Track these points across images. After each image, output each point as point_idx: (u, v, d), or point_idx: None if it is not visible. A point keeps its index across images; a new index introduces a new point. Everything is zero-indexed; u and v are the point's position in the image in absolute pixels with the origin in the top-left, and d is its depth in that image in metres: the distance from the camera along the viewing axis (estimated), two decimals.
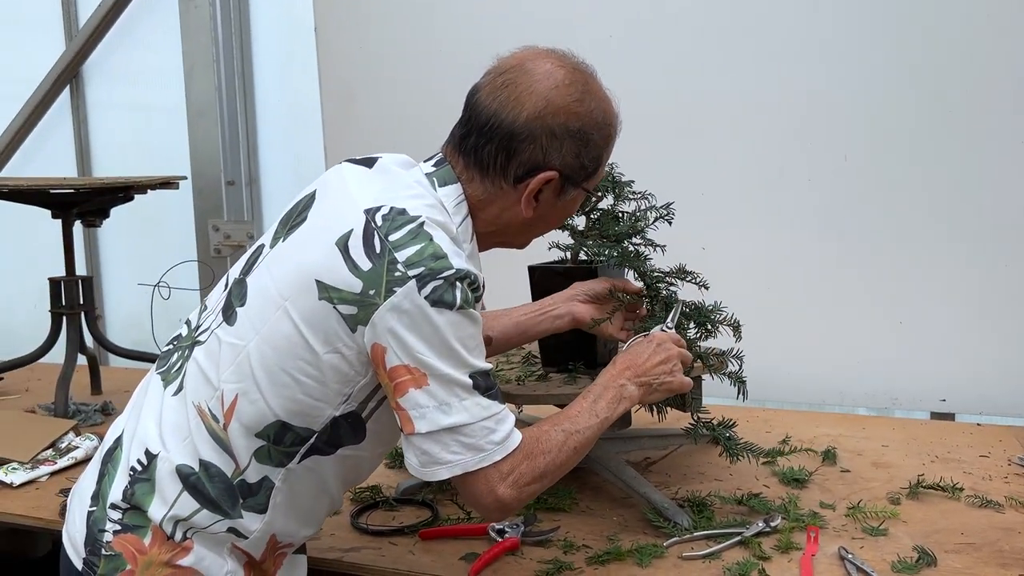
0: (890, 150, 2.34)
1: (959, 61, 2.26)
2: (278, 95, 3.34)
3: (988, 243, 2.28)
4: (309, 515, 1.35)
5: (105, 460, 1.36)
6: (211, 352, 1.29)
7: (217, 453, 1.26)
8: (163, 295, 2.47)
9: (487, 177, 1.32)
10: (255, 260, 1.34)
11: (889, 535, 1.58)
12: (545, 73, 1.29)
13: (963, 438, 2.12)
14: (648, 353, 1.43)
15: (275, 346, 1.22)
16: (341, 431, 1.27)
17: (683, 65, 2.49)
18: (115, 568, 1.26)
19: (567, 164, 1.31)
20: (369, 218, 1.23)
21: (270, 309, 1.24)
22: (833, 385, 2.46)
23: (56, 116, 3.67)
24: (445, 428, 1.19)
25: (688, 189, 2.01)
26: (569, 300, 1.67)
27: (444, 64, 2.75)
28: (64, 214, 2.58)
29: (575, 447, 1.31)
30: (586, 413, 1.34)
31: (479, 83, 1.34)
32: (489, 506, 1.25)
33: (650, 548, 1.53)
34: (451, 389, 1.19)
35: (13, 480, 1.97)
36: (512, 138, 1.29)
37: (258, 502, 1.27)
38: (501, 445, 1.22)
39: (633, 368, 1.41)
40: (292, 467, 1.27)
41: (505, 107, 1.28)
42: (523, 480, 1.25)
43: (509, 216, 1.35)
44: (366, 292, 1.18)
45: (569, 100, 1.29)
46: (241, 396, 1.24)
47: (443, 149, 1.37)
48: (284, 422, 1.24)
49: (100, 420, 2.45)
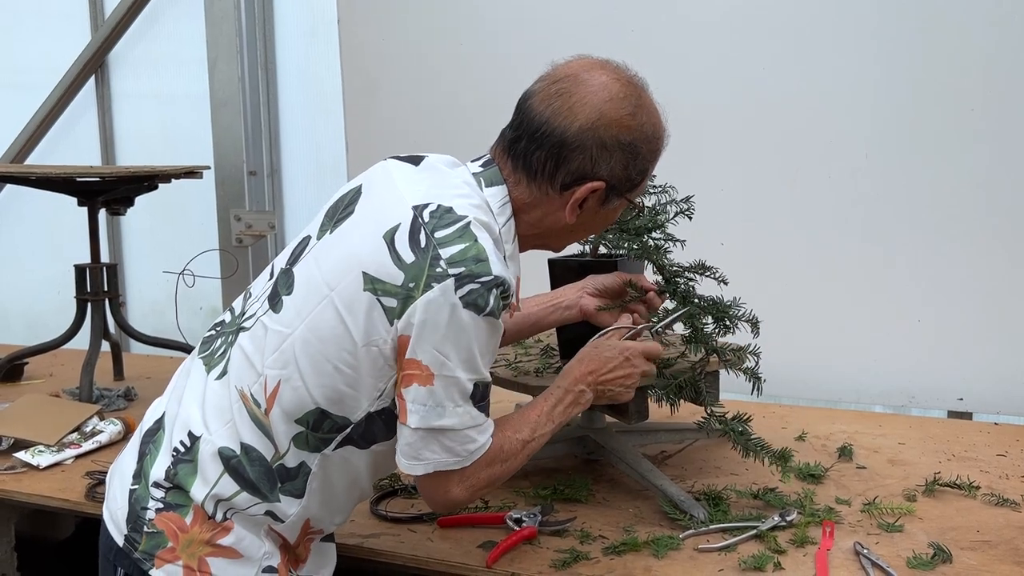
0: (911, 149, 2.34)
1: (981, 59, 2.25)
2: (300, 86, 3.37)
3: (1008, 243, 2.28)
4: (342, 503, 1.39)
5: (146, 440, 1.39)
6: (256, 338, 1.32)
7: (258, 437, 1.29)
8: (187, 283, 2.50)
9: (534, 182, 1.34)
10: (301, 250, 1.37)
11: (905, 531, 1.59)
12: (600, 85, 1.31)
13: (980, 437, 2.12)
14: (615, 364, 1.46)
15: (319, 335, 1.25)
16: (375, 427, 1.30)
17: (704, 61, 2.49)
18: (157, 545, 1.29)
19: (615, 175, 1.33)
20: (417, 214, 1.26)
21: (316, 299, 1.27)
22: (850, 382, 2.46)
23: (81, 105, 3.72)
24: (434, 428, 1.25)
25: (708, 185, 2.02)
26: (579, 292, 1.69)
27: (465, 56, 2.77)
28: (90, 202, 2.62)
29: (529, 453, 1.39)
30: (544, 418, 1.41)
31: (532, 88, 1.36)
32: (439, 502, 1.35)
33: (666, 540, 1.54)
34: (451, 393, 1.24)
35: (40, 462, 2.01)
36: (563, 146, 1.30)
37: (296, 487, 1.30)
38: (473, 454, 1.29)
39: (596, 374, 1.45)
40: (327, 453, 1.30)
41: (558, 115, 1.30)
42: (478, 485, 1.33)
43: (551, 221, 1.37)
44: (407, 284, 1.21)
45: (622, 113, 1.31)
46: (284, 382, 1.27)
47: (491, 151, 1.39)
48: (323, 409, 1.27)
49: (123, 405, 2.48)
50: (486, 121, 1.46)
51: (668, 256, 1.76)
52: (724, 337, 1.74)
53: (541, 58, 1.43)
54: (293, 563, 1.36)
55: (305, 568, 1.39)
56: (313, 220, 1.42)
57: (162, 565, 1.29)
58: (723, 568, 1.47)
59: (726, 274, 1.74)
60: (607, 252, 1.86)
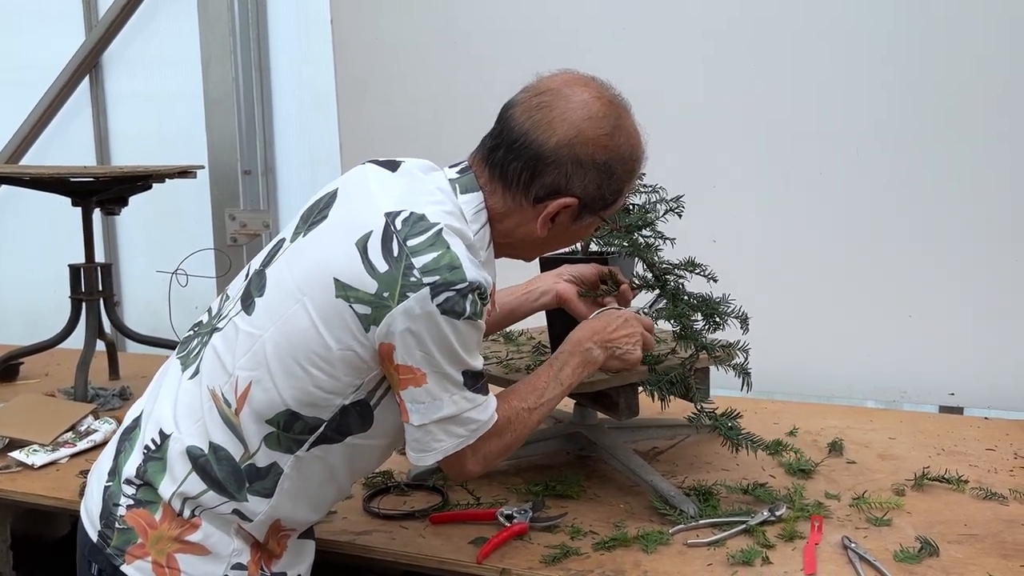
0: (902, 144, 2.35)
1: (973, 54, 2.26)
2: (294, 86, 3.37)
3: (999, 238, 2.29)
4: (315, 502, 1.39)
5: (123, 438, 1.41)
6: (228, 339, 1.33)
7: (227, 436, 1.30)
8: (180, 283, 2.50)
9: (509, 192, 1.35)
10: (275, 253, 1.38)
11: (893, 525, 1.60)
12: (581, 103, 1.32)
13: (970, 431, 2.13)
14: (615, 324, 1.53)
15: (290, 338, 1.26)
16: (350, 419, 1.31)
17: (694, 58, 2.50)
18: (127, 541, 1.31)
19: (588, 193, 1.34)
20: (389, 221, 1.27)
21: (288, 302, 1.28)
22: (841, 378, 2.47)
23: (76, 106, 3.72)
24: (434, 420, 1.30)
25: (699, 182, 2.03)
26: (555, 279, 1.70)
27: (458, 57, 2.78)
28: (84, 202, 2.62)
29: (539, 419, 1.44)
30: (552, 383, 1.45)
31: (515, 99, 1.37)
32: (456, 476, 1.44)
33: (656, 535, 1.55)
34: (444, 386, 1.28)
35: (34, 461, 2.01)
36: (539, 160, 1.32)
37: (265, 487, 1.31)
38: (477, 431, 1.34)
39: (600, 333, 1.50)
40: (301, 455, 1.31)
41: (537, 128, 1.31)
42: (491, 456, 1.39)
43: (523, 232, 1.38)
44: (380, 294, 1.22)
45: (600, 133, 1.32)
46: (255, 384, 1.28)
47: (470, 158, 1.40)
48: (293, 411, 1.28)
49: (118, 404, 2.49)
50: (479, 121, 1.47)
51: (659, 254, 1.77)
52: (714, 334, 1.75)
53: (533, 58, 1.44)
54: (267, 560, 1.37)
55: (280, 564, 1.39)
56: (290, 223, 1.43)
57: (133, 561, 1.30)
58: (712, 563, 1.48)
59: (717, 271, 1.75)
60: (598, 250, 1.87)
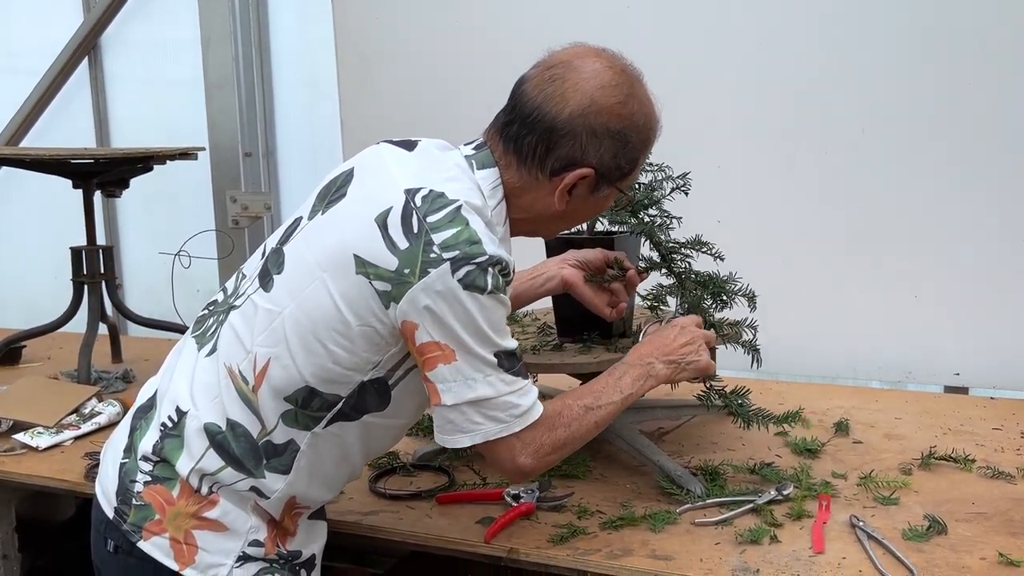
0: (908, 124, 2.33)
1: (978, 31, 2.24)
2: (295, 67, 3.35)
3: (1005, 219, 2.27)
4: (330, 481, 1.40)
5: (138, 416, 1.41)
6: (246, 316, 1.33)
7: (244, 413, 1.30)
8: (183, 264, 2.49)
9: (524, 166, 1.34)
10: (292, 231, 1.38)
11: (900, 504, 1.60)
12: (593, 72, 1.32)
13: (976, 411, 2.13)
14: (673, 335, 1.50)
15: (310, 315, 1.26)
16: (367, 396, 1.31)
17: (699, 37, 2.48)
18: (144, 517, 1.31)
19: (604, 163, 1.34)
20: (409, 198, 1.26)
21: (307, 279, 1.28)
22: (847, 358, 2.46)
23: (75, 89, 3.69)
24: (468, 401, 1.26)
25: (704, 162, 2.01)
26: (560, 264, 1.69)
27: (460, 37, 2.75)
28: (84, 184, 2.61)
29: (596, 421, 1.39)
30: (610, 389, 1.41)
31: (527, 74, 1.36)
32: (509, 472, 1.35)
33: (663, 514, 1.55)
34: (476, 366, 1.25)
35: (39, 444, 2.01)
36: (553, 132, 1.31)
37: (282, 463, 1.31)
38: (521, 417, 1.29)
39: (661, 348, 1.47)
40: (318, 431, 1.31)
41: (550, 101, 1.31)
42: (543, 451, 1.33)
43: (541, 207, 1.38)
44: (401, 271, 1.22)
45: (613, 101, 1.31)
46: (273, 360, 1.28)
47: (485, 134, 1.40)
48: (312, 387, 1.28)
49: (122, 387, 2.49)
50: (482, 101, 1.46)
51: (669, 231, 1.76)
52: (721, 312, 1.74)
53: (538, 38, 1.43)
54: (282, 538, 1.37)
55: (294, 543, 1.39)
56: (305, 201, 1.42)
57: (150, 537, 1.30)
58: (720, 541, 1.48)
59: (723, 251, 1.74)
60: (604, 230, 1.86)
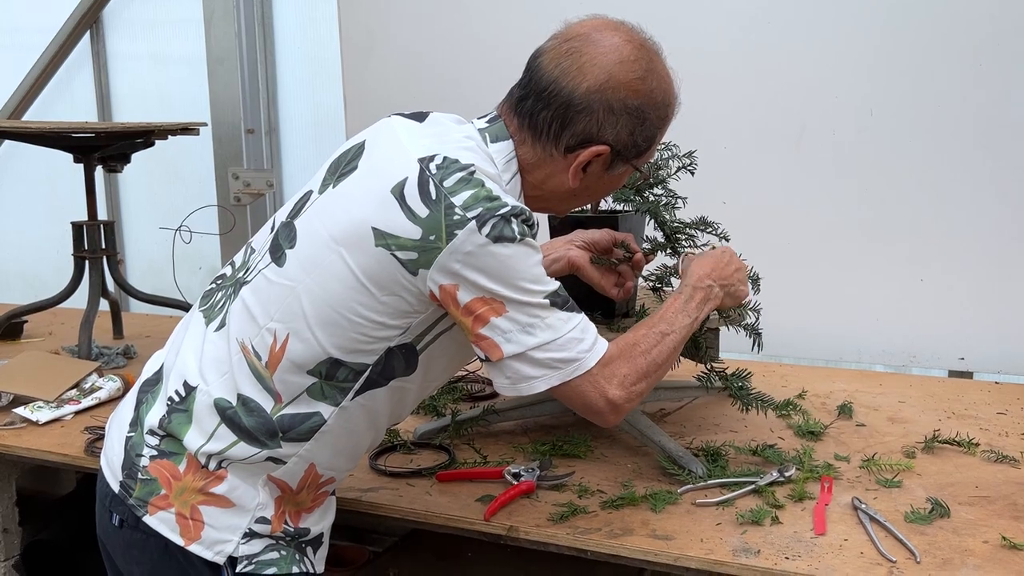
0: (916, 107, 2.30)
1: (988, 13, 2.20)
2: (298, 43, 3.32)
3: (1011, 202, 2.25)
4: (353, 449, 1.37)
5: (144, 389, 1.39)
6: (258, 291, 1.30)
7: (257, 389, 1.28)
8: (184, 239, 2.48)
9: (539, 142, 1.32)
10: (303, 204, 1.35)
11: (903, 487, 1.59)
12: (611, 47, 1.28)
13: (980, 395, 2.12)
14: (727, 259, 1.50)
15: (328, 289, 1.24)
16: (395, 361, 1.29)
17: (707, 16, 2.45)
18: (150, 492, 1.30)
19: (620, 140, 1.31)
20: (423, 167, 1.23)
21: (323, 252, 1.25)
22: (851, 341, 2.45)
23: (76, 64, 3.67)
24: (533, 347, 1.23)
25: (710, 143, 1.99)
26: (567, 245, 1.66)
27: (465, 14, 2.72)
28: (86, 159, 2.59)
29: (673, 345, 1.36)
30: (680, 313, 1.40)
31: (543, 47, 1.33)
32: (603, 409, 1.29)
33: (664, 494, 1.54)
34: (530, 311, 1.22)
35: (39, 418, 2.01)
36: (569, 107, 1.28)
37: (299, 433, 1.29)
38: (592, 351, 1.26)
39: (718, 270, 1.47)
40: (346, 404, 1.29)
41: (566, 75, 1.28)
42: (629, 380, 1.29)
43: (555, 183, 1.35)
44: (426, 238, 1.19)
45: (632, 77, 1.28)
46: (292, 335, 1.26)
47: (499, 108, 1.37)
48: (336, 358, 1.26)
49: (123, 363, 2.48)
50: (488, 79, 1.44)
51: (675, 211, 1.74)
52: None
53: (545, 13, 1.40)
54: (293, 514, 1.35)
55: (307, 520, 1.37)
56: (315, 175, 1.40)
57: (155, 512, 1.29)
58: (721, 522, 1.47)
59: (728, 232, 1.72)
60: (608, 208, 1.84)
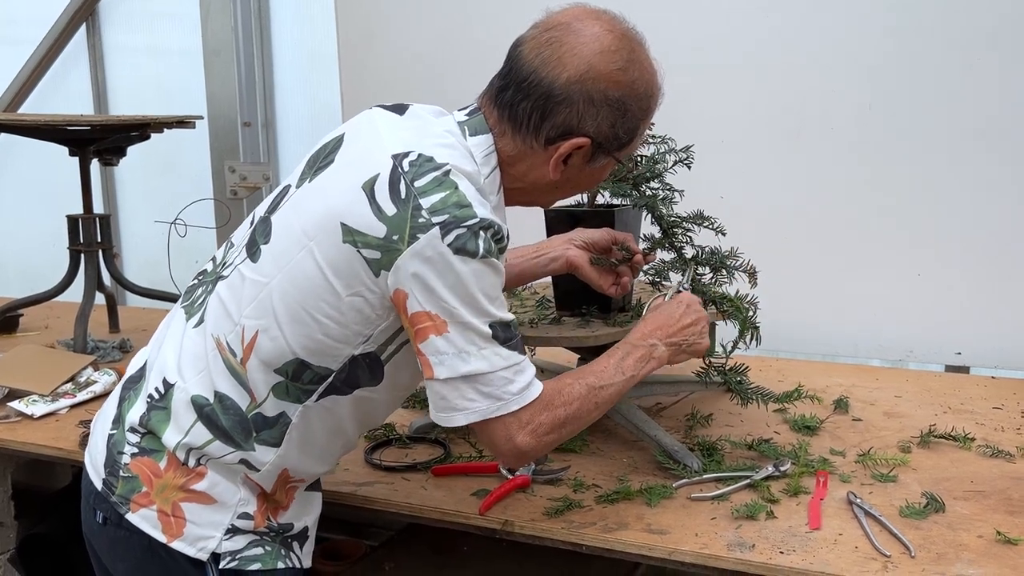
0: (915, 101, 2.29)
1: (988, 6, 2.20)
2: (295, 37, 3.31)
3: (1010, 197, 2.25)
4: (323, 453, 1.37)
5: (127, 386, 1.40)
6: (234, 287, 1.30)
7: (232, 386, 1.28)
8: (179, 232, 2.48)
9: (519, 134, 1.29)
10: (280, 199, 1.34)
11: (898, 482, 1.59)
12: (592, 36, 1.26)
13: (977, 390, 2.12)
14: (679, 314, 1.44)
15: (297, 285, 1.23)
16: (359, 371, 1.28)
17: (703, 9, 2.44)
18: (132, 489, 1.30)
19: (601, 132, 1.28)
20: (396, 163, 1.22)
21: (294, 248, 1.24)
22: (848, 336, 2.45)
23: (72, 57, 3.66)
24: (463, 375, 1.20)
25: (708, 137, 1.98)
26: (566, 243, 1.65)
27: (462, 8, 2.71)
28: (81, 152, 2.59)
29: (597, 402, 1.33)
30: (612, 369, 1.36)
31: (524, 36, 1.31)
32: (506, 453, 1.27)
33: (659, 488, 1.54)
34: (470, 338, 1.19)
35: (34, 412, 2.00)
36: (549, 98, 1.26)
37: (272, 436, 1.29)
38: (519, 395, 1.23)
39: (664, 328, 1.42)
40: (309, 404, 1.29)
41: (546, 65, 1.25)
42: (541, 430, 1.26)
43: (536, 176, 1.33)
44: (390, 237, 1.18)
45: (612, 67, 1.26)
46: (261, 332, 1.25)
47: (479, 99, 1.35)
48: (302, 360, 1.25)
49: (118, 357, 2.48)
50: (484, 72, 1.41)
51: (672, 205, 1.73)
52: (721, 288, 1.72)
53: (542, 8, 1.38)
54: (273, 511, 1.35)
55: (286, 515, 1.37)
56: (296, 169, 1.38)
57: (137, 509, 1.29)
58: (716, 516, 1.47)
59: (725, 226, 1.72)
60: (605, 203, 1.83)
